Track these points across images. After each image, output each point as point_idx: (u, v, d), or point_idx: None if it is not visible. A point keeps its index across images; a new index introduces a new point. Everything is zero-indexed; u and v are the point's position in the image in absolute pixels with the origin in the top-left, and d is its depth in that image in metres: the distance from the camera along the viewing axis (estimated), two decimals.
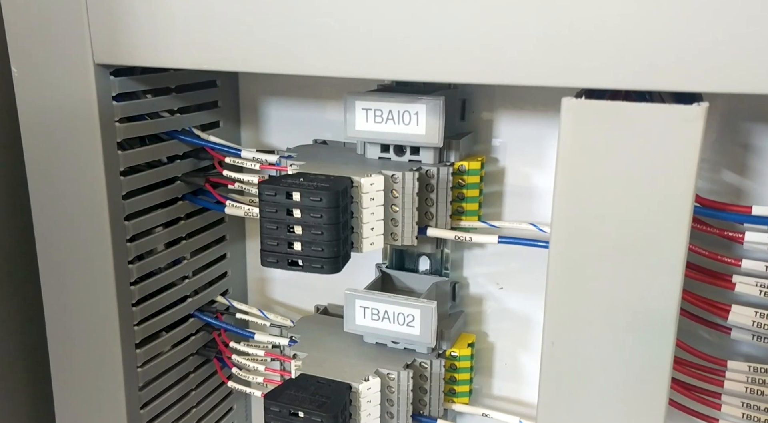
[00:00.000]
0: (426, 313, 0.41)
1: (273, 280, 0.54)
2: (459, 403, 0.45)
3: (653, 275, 0.30)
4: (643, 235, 0.29)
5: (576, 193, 0.30)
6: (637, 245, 0.29)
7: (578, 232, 0.30)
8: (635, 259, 0.30)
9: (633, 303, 0.30)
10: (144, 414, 0.44)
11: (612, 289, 0.30)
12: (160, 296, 0.44)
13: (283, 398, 0.38)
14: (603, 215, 0.30)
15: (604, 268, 0.30)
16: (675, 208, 0.28)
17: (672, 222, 0.28)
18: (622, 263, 0.30)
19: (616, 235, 0.30)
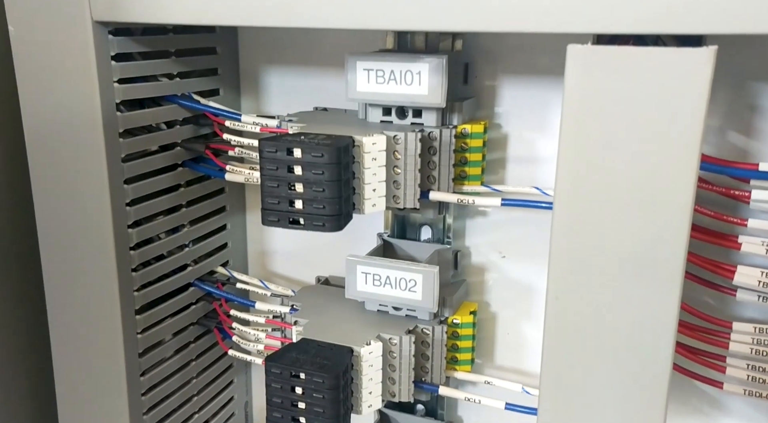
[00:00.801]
0: (428, 277, 0.41)
1: (274, 252, 0.54)
2: (461, 370, 0.44)
3: (660, 224, 0.29)
4: (650, 183, 0.29)
5: (582, 142, 0.29)
6: (644, 193, 0.29)
7: (583, 182, 0.30)
8: (642, 207, 0.29)
9: (639, 254, 0.30)
10: (144, 381, 0.44)
11: (618, 240, 0.30)
12: (160, 263, 0.44)
13: (284, 360, 0.37)
14: (609, 164, 0.29)
15: (609, 217, 0.30)
16: (683, 155, 0.28)
17: (680, 169, 0.28)
18: (629, 212, 0.29)
19: (623, 183, 0.29)
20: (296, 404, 0.37)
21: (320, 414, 0.37)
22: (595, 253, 0.31)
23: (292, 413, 0.37)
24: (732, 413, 0.42)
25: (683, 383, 0.43)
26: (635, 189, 0.29)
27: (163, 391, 0.45)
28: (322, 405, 0.36)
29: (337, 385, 0.36)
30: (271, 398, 0.38)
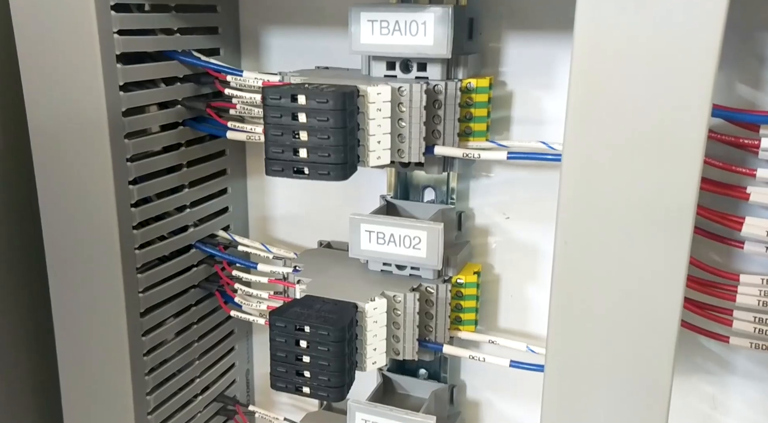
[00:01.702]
0: (432, 234, 0.40)
1: (275, 218, 0.53)
2: (465, 331, 0.44)
3: (671, 168, 0.29)
4: (661, 123, 0.28)
5: (592, 83, 0.29)
6: (655, 135, 0.29)
7: (593, 126, 0.29)
8: (653, 150, 0.29)
9: (650, 198, 0.29)
10: (146, 341, 0.43)
11: (628, 183, 0.30)
12: (161, 222, 0.43)
13: (289, 314, 0.37)
14: (619, 107, 0.29)
15: (620, 160, 0.29)
16: (695, 95, 0.27)
17: (693, 105, 0.27)
18: (640, 155, 0.29)
19: (634, 124, 0.29)
20: (301, 358, 0.37)
21: (325, 367, 0.36)
22: (605, 198, 0.30)
23: (296, 367, 0.37)
24: (737, 371, 0.42)
25: (688, 342, 0.42)
26: (646, 132, 0.29)
27: (164, 353, 0.45)
28: (327, 358, 0.36)
29: (343, 338, 0.36)
30: (275, 352, 0.37)
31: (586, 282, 0.31)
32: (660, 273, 0.31)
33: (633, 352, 0.33)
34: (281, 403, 0.57)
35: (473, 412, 0.50)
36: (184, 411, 0.48)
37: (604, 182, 0.30)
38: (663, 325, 0.32)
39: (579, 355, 0.34)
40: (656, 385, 0.33)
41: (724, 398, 0.43)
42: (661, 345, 0.32)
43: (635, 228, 0.30)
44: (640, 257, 0.30)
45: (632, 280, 0.31)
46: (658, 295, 0.31)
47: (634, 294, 0.31)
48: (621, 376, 0.34)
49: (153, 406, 0.44)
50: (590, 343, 0.34)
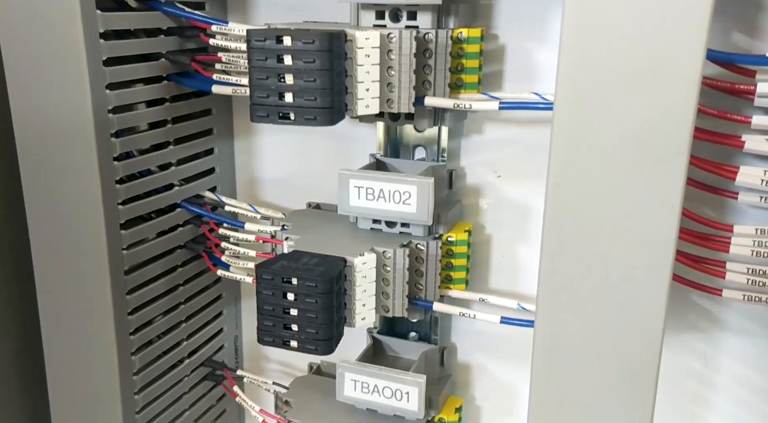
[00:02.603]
0: (423, 188, 0.40)
1: (263, 181, 0.52)
2: (456, 289, 0.44)
3: (666, 105, 0.28)
4: (656, 60, 0.28)
5: (586, 18, 0.28)
6: (650, 71, 0.28)
7: (588, 60, 0.29)
8: (647, 88, 0.28)
9: (644, 138, 0.29)
10: (131, 300, 0.42)
11: (621, 122, 0.29)
12: (145, 179, 0.42)
13: (276, 267, 0.36)
14: (614, 39, 0.28)
15: (613, 101, 0.29)
16: (691, 26, 0.27)
17: (688, 42, 0.27)
18: (633, 92, 0.28)
19: (628, 61, 0.28)
20: (288, 311, 0.36)
21: (313, 320, 0.36)
22: (597, 138, 0.30)
23: (284, 321, 0.36)
24: (729, 328, 0.42)
25: (681, 299, 0.42)
26: (640, 68, 0.28)
27: (150, 314, 0.44)
28: (314, 310, 0.35)
29: (330, 290, 0.35)
30: (262, 306, 0.36)
31: (577, 226, 0.31)
32: (653, 215, 0.30)
33: (625, 301, 0.33)
34: (270, 370, 0.56)
35: (464, 374, 0.50)
36: (170, 374, 0.47)
37: (596, 122, 0.30)
38: (655, 271, 0.32)
39: (570, 306, 0.34)
40: (648, 338, 0.33)
41: (716, 355, 0.43)
42: (653, 292, 0.32)
43: (628, 168, 0.30)
44: (633, 199, 0.30)
45: (625, 223, 0.30)
46: (652, 237, 0.31)
47: (626, 237, 0.31)
48: (612, 327, 0.33)
49: (138, 367, 0.44)
50: (581, 292, 0.33)
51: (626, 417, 0.34)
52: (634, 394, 0.34)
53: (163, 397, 0.46)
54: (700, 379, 0.44)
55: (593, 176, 0.30)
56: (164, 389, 0.46)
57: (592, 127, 0.30)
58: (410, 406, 0.43)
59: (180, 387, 0.48)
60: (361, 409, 0.46)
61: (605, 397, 0.35)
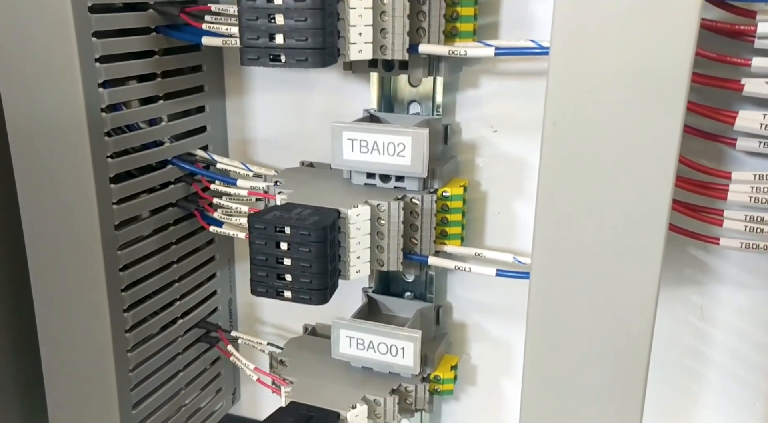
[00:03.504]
0: (417, 139, 0.39)
1: (255, 141, 0.52)
2: (451, 245, 0.43)
3: (664, 43, 0.27)
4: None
5: None
6: (648, 8, 0.27)
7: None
8: (644, 24, 0.28)
9: (642, 72, 0.28)
10: (122, 256, 0.42)
11: (618, 60, 0.28)
12: (134, 132, 0.42)
13: (269, 217, 0.36)
14: None
15: (610, 37, 0.28)
16: None
17: None
18: (630, 32, 0.28)
19: None
20: (282, 261, 0.36)
21: (307, 270, 0.35)
22: (595, 73, 0.29)
23: (277, 271, 0.36)
24: (726, 280, 0.42)
25: (677, 251, 0.42)
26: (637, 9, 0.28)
27: (142, 271, 0.44)
28: (308, 260, 0.35)
29: (324, 238, 0.35)
30: (255, 256, 0.36)
31: (574, 166, 0.30)
32: (650, 159, 0.30)
33: (621, 249, 0.32)
34: (265, 334, 0.56)
35: (459, 333, 0.50)
36: (164, 333, 0.47)
37: (593, 64, 0.29)
38: (652, 217, 0.31)
39: (565, 255, 0.33)
40: (644, 288, 0.33)
41: (712, 308, 0.43)
42: (649, 240, 0.32)
43: (625, 111, 0.29)
44: (629, 142, 0.29)
45: (621, 166, 0.30)
46: (649, 182, 0.30)
47: (622, 181, 0.30)
48: (608, 277, 0.33)
49: (131, 323, 0.43)
50: (577, 241, 0.33)
51: (622, 367, 0.34)
52: (630, 344, 0.34)
53: (156, 357, 0.46)
54: (696, 333, 0.43)
55: (589, 116, 0.29)
56: (158, 348, 0.46)
57: (589, 68, 0.29)
58: (405, 361, 0.43)
59: (174, 347, 0.48)
60: (356, 368, 0.46)
61: (601, 347, 0.34)
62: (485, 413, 0.51)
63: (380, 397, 0.43)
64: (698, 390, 0.44)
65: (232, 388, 0.57)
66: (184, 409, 0.50)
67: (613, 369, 0.34)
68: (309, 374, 0.46)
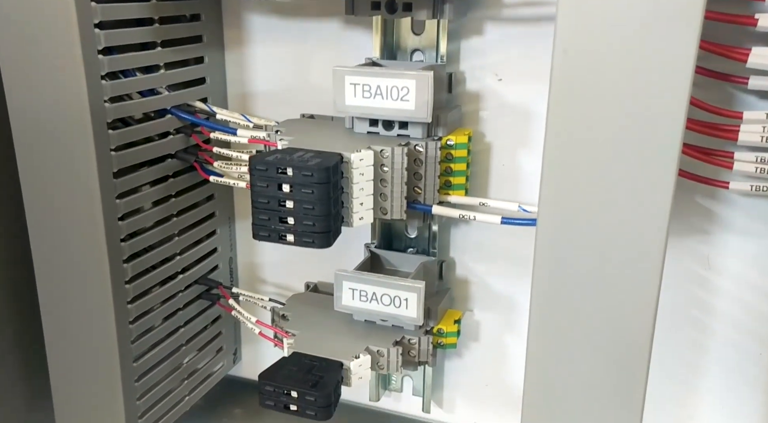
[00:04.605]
0: (422, 82, 0.38)
1: (255, 94, 0.51)
2: (455, 195, 0.43)
3: None
4: None
5: None
6: None
7: None
8: None
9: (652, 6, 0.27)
10: (121, 205, 0.41)
11: None
12: (130, 79, 0.41)
13: (271, 159, 0.35)
14: None
15: None
16: None
17: None
18: None
19: None
20: (284, 204, 0.35)
21: (309, 212, 0.35)
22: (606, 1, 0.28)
23: (279, 214, 0.35)
24: (733, 228, 0.41)
25: (685, 200, 0.41)
26: None
27: (140, 222, 0.43)
28: (311, 201, 0.34)
29: (327, 179, 0.34)
30: (256, 199, 0.35)
31: (584, 98, 0.30)
32: (664, 85, 0.29)
33: (631, 189, 0.32)
34: (266, 292, 0.56)
35: (462, 289, 0.49)
36: (164, 287, 0.46)
37: None
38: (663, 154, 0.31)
39: (574, 194, 0.33)
40: (653, 229, 0.32)
41: (719, 258, 0.42)
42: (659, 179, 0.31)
43: (638, 33, 0.28)
44: (643, 66, 0.28)
45: (633, 93, 0.29)
46: (660, 115, 0.30)
47: (634, 109, 0.30)
48: (618, 218, 0.32)
49: (131, 275, 0.43)
50: (586, 177, 0.32)
51: (629, 317, 0.34)
52: (638, 288, 0.33)
53: (157, 311, 0.46)
54: (702, 282, 0.43)
55: (601, 46, 0.29)
56: (158, 302, 0.46)
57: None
58: (409, 312, 0.43)
59: (174, 302, 0.47)
60: (359, 321, 0.46)
61: (608, 295, 0.34)
62: (488, 369, 0.50)
63: (383, 348, 0.42)
64: (704, 340, 0.44)
65: (233, 348, 0.56)
66: (185, 366, 0.50)
67: (620, 317, 0.34)
68: (311, 327, 0.45)
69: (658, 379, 0.44)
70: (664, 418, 0.46)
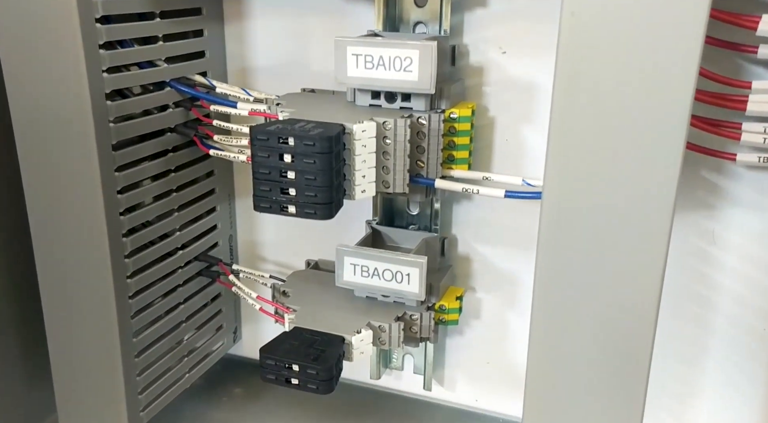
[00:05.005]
0: (425, 52, 0.38)
1: (255, 69, 0.50)
2: (458, 169, 0.42)
3: None
4: None
5: None
6: None
7: None
8: None
9: None
10: (119, 178, 0.40)
11: None
12: (128, 49, 0.40)
13: (272, 128, 0.34)
14: None
15: None
16: None
17: None
18: None
19: None
20: (285, 174, 0.34)
21: (311, 182, 0.34)
22: None
23: (281, 185, 0.35)
24: (739, 203, 0.41)
25: (690, 174, 0.41)
26: None
27: (140, 196, 0.43)
28: (313, 172, 0.34)
29: (330, 149, 0.34)
30: (257, 170, 0.35)
31: (591, 63, 0.29)
32: (673, 48, 0.28)
33: (638, 161, 0.31)
34: (267, 271, 0.55)
35: (464, 267, 0.49)
36: (163, 262, 0.46)
37: None
38: (671, 125, 0.30)
39: (580, 163, 0.32)
40: (660, 201, 0.32)
41: (724, 233, 0.42)
42: (667, 148, 0.31)
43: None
44: (653, 27, 0.28)
45: (641, 59, 0.29)
46: (669, 81, 0.29)
47: (642, 76, 0.29)
48: (624, 188, 0.32)
49: (130, 249, 0.42)
50: (593, 144, 0.31)
51: (634, 288, 0.33)
52: (643, 264, 0.33)
53: (156, 286, 0.45)
54: (707, 258, 0.43)
55: (608, 8, 0.28)
56: (157, 277, 0.45)
57: None
58: (411, 288, 0.42)
59: (174, 278, 0.47)
60: (360, 298, 0.45)
61: (614, 269, 0.33)
62: (490, 347, 0.50)
63: (385, 323, 0.42)
64: (708, 316, 0.43)
65: (234, 326, 0.56)
66: (185, 344, 0.49)
67: (625, 294, 0.33)
68: (312, 303, 0.45)
69: (662, 356, 0.44)
70: (666, 395, 0.46)
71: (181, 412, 0.53)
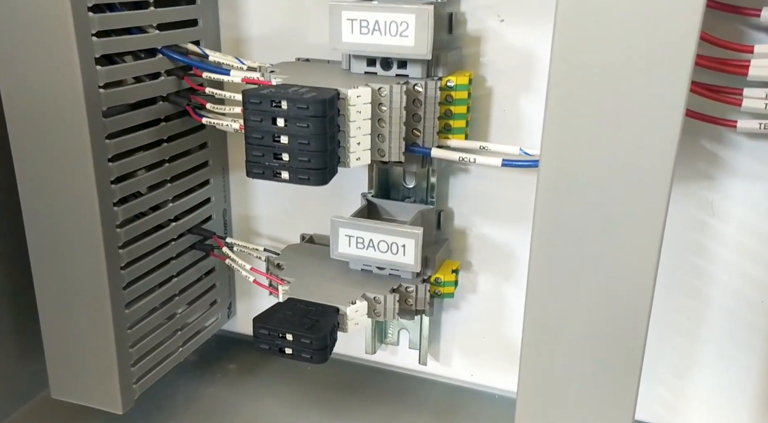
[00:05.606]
0: (422, 16, 0.37)
1: (249, 39, 0.49)
2: (455, 139, 0.41)
3: None
4: None
5: None
6: None
7: None
8: None
9: None
10: (110, 145, 0.40)
11: None
12: (116, 13, 0.39)
13: (264, 91, 0.34)
14: None
15: None
16: None
17: None
18: None
19: None
20: (278, 139, 0.34)
21: (305, 147, 0.33)
22: None
23: (274, 150, 0.34)
24: (739, 173, 0.40)
25: (688, 144, 0.40)
26: None
27: (132, 164, 0.42)
28: (306, 136, 0.33)
29: (324, 113, 0.33)
30: (250, 135, 0.34)
31: (589, 29, 0.28)
32: (674, 8, 0.28)
33: (636, 128, 0.31)
34: (261, 245, 0.55)
35: (460, 241, 0.49)
36: (156, 234, 0.45)
37: None
38: (670, 91, 0.30)
39: (578, 130, 0.32)
40: (658, 167, 0.31)
41: (723, 204, 0.41)
42: (666, 117, 0.30)
43: None
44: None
45: (641, 27, 0.28)
46: (669, 43, 0.28)
47: (641, 43, 0.28)
48: (622, 156, 0.31)
49: (122, 219, 0.42)
50: (591, 115, 0.31)
51: (631, 259, 0.33)
52: (641, 235, 0.32)
53: (149, 258, 0.45)
54: (706, 229, 0.42)
55: None
56: (150, 248, 0.45)
57: None
58: (406, 259, 0.42)
59: (167, 251, 0.46)
60: (355, 270, 0.45)
61: (611, 240, 0.33)
62: (486, 321, 0.50)
63: (380, 295, 0.42)
64: (705, 288, 0.43)
65: (228, 302, 0.56)
66: (178, 317, 0.49)
67: (622, 266, 0.33)
68: (307, 276, 0.45)
69: (659, 328, 0.44)
70: (663, 367, 0.46)
71: (176, 388, 0.52)
